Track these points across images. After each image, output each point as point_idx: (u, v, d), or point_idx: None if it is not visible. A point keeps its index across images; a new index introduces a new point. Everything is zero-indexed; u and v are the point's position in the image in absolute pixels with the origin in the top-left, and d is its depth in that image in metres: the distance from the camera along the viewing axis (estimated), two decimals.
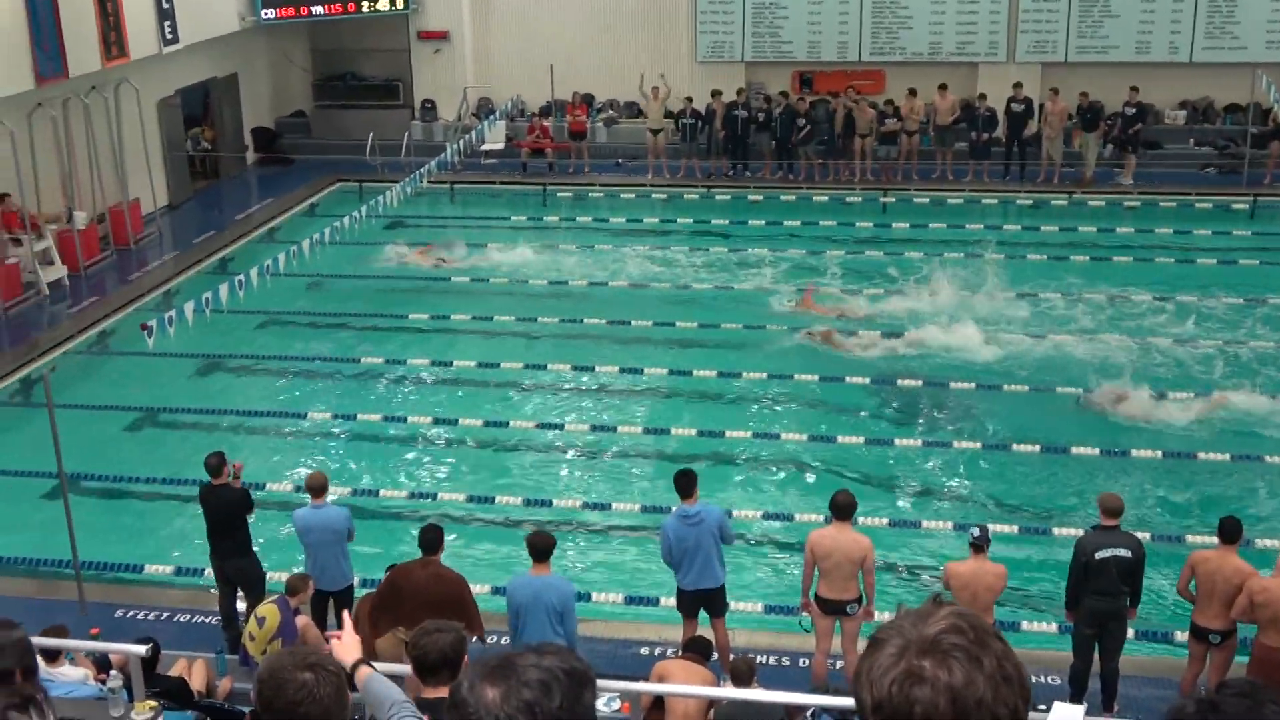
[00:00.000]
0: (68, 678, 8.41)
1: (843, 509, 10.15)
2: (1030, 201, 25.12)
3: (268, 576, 11.33)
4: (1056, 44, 27.05)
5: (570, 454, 15.39)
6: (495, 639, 9.99)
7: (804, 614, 10.48)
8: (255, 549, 11.37)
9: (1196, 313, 18.94)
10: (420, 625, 6.01)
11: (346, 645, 4.76)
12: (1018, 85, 25.37)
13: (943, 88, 25.57)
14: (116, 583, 12.61)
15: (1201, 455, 14.51)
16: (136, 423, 16.37)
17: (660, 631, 11.47)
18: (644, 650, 11.11)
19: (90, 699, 8.04)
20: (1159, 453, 14.62)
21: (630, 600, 12.14)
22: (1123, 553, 9.79)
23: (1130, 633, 10.38)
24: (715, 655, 10.10)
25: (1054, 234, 23.30)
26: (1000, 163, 25.56)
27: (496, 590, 11.12)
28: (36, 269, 20.32)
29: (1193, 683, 9.95)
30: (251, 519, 11.24)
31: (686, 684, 8.97)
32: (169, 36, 23.29)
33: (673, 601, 10.96)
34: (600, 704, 9.74)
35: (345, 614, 5.54)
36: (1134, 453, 14.64)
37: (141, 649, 8.30)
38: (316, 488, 10.81)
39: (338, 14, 28.09)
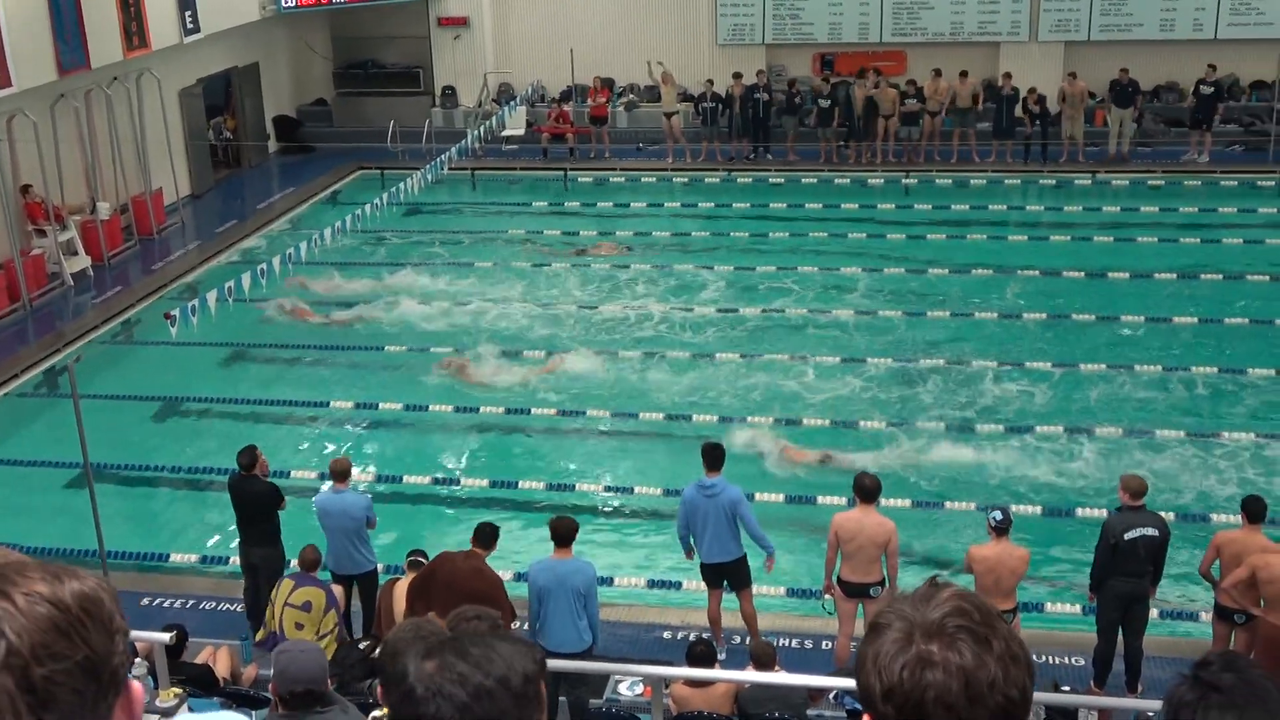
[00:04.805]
0: None
1: (867, 491, 10.11)
2: (1054, 182, 24.99)
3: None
4: (1079, 23, 26.85)
5: (592, 439, 15.39)
6: (519, 625, 10.01)
7: (827, 597, 10.46)
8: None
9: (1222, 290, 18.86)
10: (459, 610, 5.99)
11: None
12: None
13: (964, 74, 25.42)
14: (142, 571, 12.69)
15: None
16: (161, 412, 16.45)
17: (684, 616, 11.48)
18: (666, 635, 11.12)
19: None
20: None
21: (653, 584, 12.14)
22: (1150, 532, 9.75)
23: (1154, 612, 10.35)
24: (723, 655, 10.09)
25: (1077, 214, 23.18)
26: (1022, 143, 25.43)
27: (519, 576, 11.14)
28: (61, 260, 20.42)
29: None
30: (282, 510, 11.27)
31: (705, 698, 8.95)
32: (190, 26, 23.34)
33: (695, 585, 10.99)
34: (624, 688, 9.78)
35: None
36: None
37: (165, 637, 8.35)
38: (339, 473, 10.84)
39: (358, 1, 28.11)
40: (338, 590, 10.49)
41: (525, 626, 9.80)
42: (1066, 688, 9.81)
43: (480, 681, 1.99)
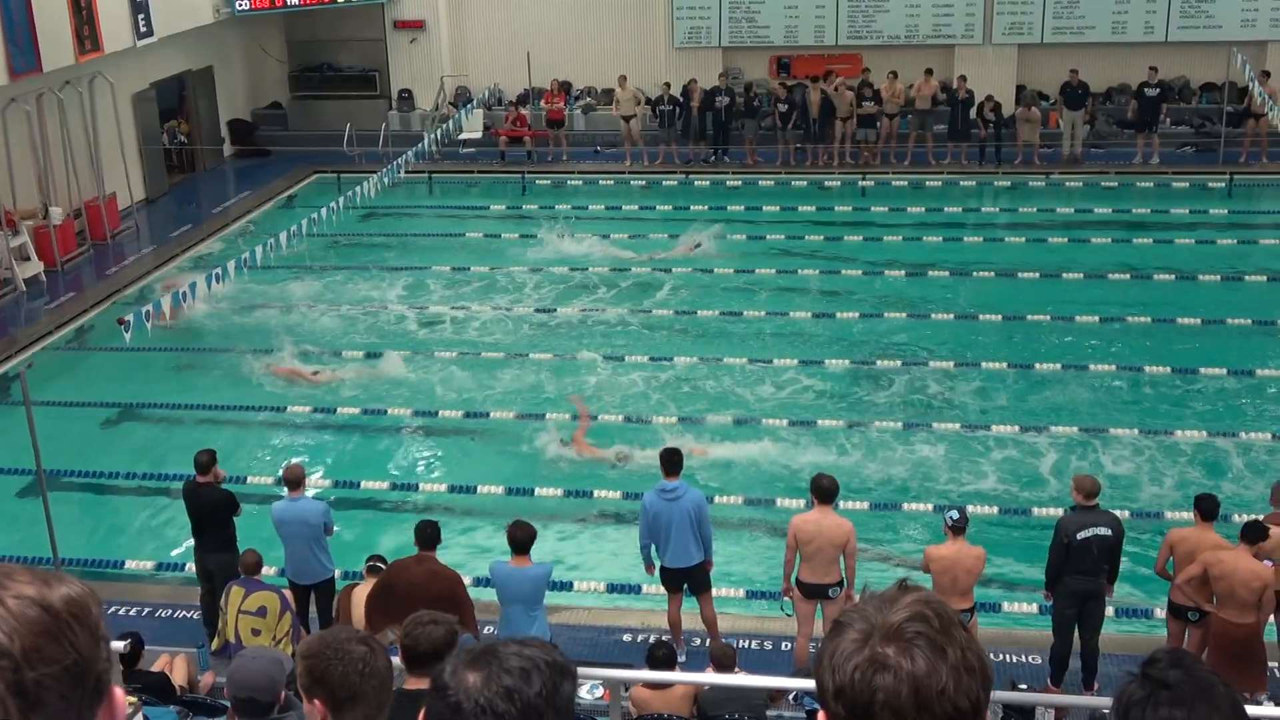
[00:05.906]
0: None
1: (825, 493, 10.14)
2: (1009, 183, 25.19)
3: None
4: (1033, 25, 27.11)
5: (552, 443, 15.35)
6: (489, 629, 9.99)
7: (786, 598, 10.49)
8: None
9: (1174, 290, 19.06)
10: (414, 615, 5.97)
11: None
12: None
13: (929, 72, 25.62)
14: (97, 579, 12.52)
15: None
16: (115, 418, 16.30)
17: (644, 618, 11.47)
18: (626, 637, 11.11)
19: None
20: None
21: (612, 588, 12.13)
22: (1104, 531, 9.83)
23: (1110, 610, 10.44)
24: (682, 657, 10.10)
25: (1032, 215, 23.37)
26: (977, 145, 25.63)
27: (478, 581, 11.12)
28: (13, 265, 20.20)
29: None
30: (237, 517, 11.18)
31: (664, 700, 8.95)
32: (143, 30, 23.13)
33: (654, 589, 11.00)
34: (583, 691, 9.76)
35: None
36: None
37: (120, 644, 8.26)
38: (293, 480, 10.77)
39: (313, 4, 27.96)
40: (288, 593, 10.43)
41: (494, 630, 9.81)
42: (1024, 686, 9.88)
43: (530, 697, 1.98)
